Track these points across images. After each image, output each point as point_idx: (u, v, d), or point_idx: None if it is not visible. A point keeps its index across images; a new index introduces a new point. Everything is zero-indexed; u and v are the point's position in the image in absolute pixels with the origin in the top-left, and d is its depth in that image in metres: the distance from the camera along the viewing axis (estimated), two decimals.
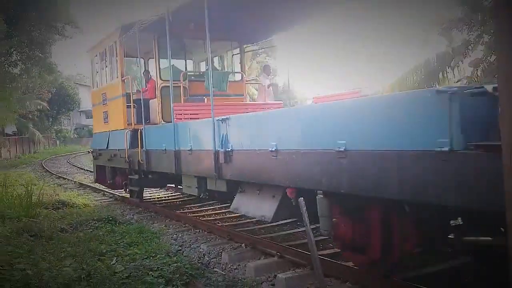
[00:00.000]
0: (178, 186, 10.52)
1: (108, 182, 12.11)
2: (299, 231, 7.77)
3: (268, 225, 8.38)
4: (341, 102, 5.50)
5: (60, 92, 48.08)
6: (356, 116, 4.34)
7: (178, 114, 8.42)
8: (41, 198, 10.31)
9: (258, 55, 24.60)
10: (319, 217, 5.01)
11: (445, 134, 3.39)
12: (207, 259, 6.53)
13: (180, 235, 7.89)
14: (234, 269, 6.08)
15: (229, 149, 6.46)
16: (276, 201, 6.12)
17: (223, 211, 9.38)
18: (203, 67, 12.15)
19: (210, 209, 10.09)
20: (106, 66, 11.38)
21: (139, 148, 9.39)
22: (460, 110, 3.32)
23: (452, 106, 3.34)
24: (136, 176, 10.38)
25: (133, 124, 9.93)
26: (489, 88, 3.26)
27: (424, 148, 3.56)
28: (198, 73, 11.31)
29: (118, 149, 10.61)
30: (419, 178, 3.63)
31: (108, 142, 11.31)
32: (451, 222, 4.29)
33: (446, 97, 3.38)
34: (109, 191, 13.34)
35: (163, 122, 9.61)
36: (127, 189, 11.41)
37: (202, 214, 9.64)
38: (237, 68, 11.49)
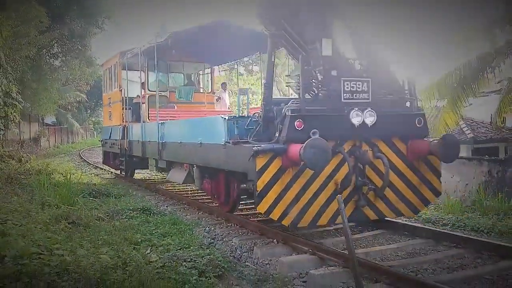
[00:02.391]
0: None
1: (111, 163, 16.48)
2: (330, 229, 7.73)
3: None
4: (199, 118, 11.18)
5: (98, 84, 49.03)
6: (203, 125, 8.76)
7: (152, 116, 11.88)
8: (79, 187, 10.59)
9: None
10: (194, 179, 9.35)
11: (223, 136, 7.35)
12: (239, 253, 6.58)
13: (212, 228, 7.97)
14: (266, 264, 6.09)
15: (164, 141, 10.45)
16: (185, 172, 10.07)
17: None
18: (192, 77, 15.82)
19: (241, 203, 10.13)
20: (111, 79, 15.36)
21: (126, 139, 13.35)
22: (228, 127, 7.28)
23: (226, 124, 7.30)
24: (123, 159, 14.32)
25: (125, 121, 13.53)
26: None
27: (219, 142, 7.46)
28: (174, 87, 14.48)
29: (116, 139, 14.58)
30: (218, 155, 7.64)
31: (110, 134, 15.46)
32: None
33: (224, 121, 7.35)
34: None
35: (149, 122, 12.44)
36: (120, 169, 15.53)
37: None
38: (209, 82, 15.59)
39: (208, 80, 15.47)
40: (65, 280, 4.22)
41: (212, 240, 7.22)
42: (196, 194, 11.50)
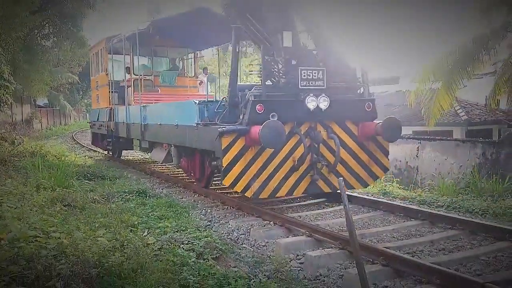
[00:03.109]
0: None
1: (99, 144, 17.31)
2: (327, 211, 7.77)
3: (296, 204, 8.43)
4: (176, 102, 11.39)
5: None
6: (179, 109, 9.59)
7: (136, 99, 12.59)
8: (73, 169, 10.53)
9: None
10: (173, 157, 10.11)
11: (195, 119, 8.14)
12: (236, 235, 6.60)
13: (209, 210, 7.98)
14: (263, 246, 6.12)
15: (146, 123, 11.24)
16: (165, 151, 10.70)
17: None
18: (176, 62, 16.39)
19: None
20: (98, 63, 15.98)
21: (112, 121, 14.07)
22: (199, 110, 8.04)
23: (197, 108, 8.09)
24: (110, 140, 14.86)
25: (112, 104, 14.12)
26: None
27: (191, 124, 8.29)
28: (158, 72, 15.08)
29: (103, 121, 15.27)
30: (191, 136, 8.49)
31: (98, 116, 16.28)
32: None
33: (195, 104, 8.18)
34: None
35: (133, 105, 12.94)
36: (107, 150, 16.31)
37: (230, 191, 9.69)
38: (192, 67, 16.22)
39: (191, 65, 16.09)
40: (62, 263, 4.18)
41: (209, 223, 7.23)
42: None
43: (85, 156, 17.02)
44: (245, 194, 7.32)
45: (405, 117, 22.12)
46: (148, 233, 6.01)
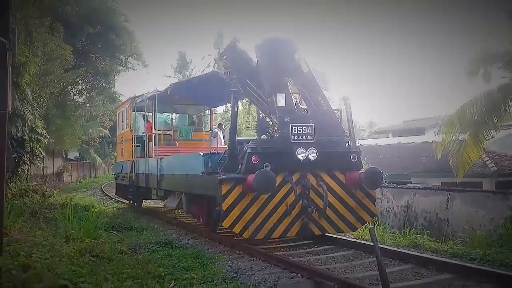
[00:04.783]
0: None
1: (122, 194, 18.58)
2: (356, 264, 7.61)
3: (323, 256, 8.30)
4: (186, 154, 12.33)
5: None
6: (188, 160, 10.46)
7: (155, 152, 13.83)
8: (102, 220, 10.67)
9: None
10: (183, 204, 11.08)
11: (201, 168, 9.13)
12: (263, 287, 6.48)
13: (235, 261, 7.90)
14: None
15: (162, 173, 12.29)
16: (177, 199, 11.64)
17: (276, 240, 9.34)
18: (193, 118, 17.92)
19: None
20: (123, 121, 17.37)
21: (134, 172, 15.23)
22: (204, 161, 9.08)
23: (202, 159, 9.15)
24: (131, 189, 15.95)
25: (134, 157, 15.35)
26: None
27: (197, 173, 9.28)
28: (176, 127, 16.64)
29: (126, 172, 16.45)
30: (197, 184, 9.48)
31: (122, 168, 17.53)
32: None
33: (201, 157, 9.20)
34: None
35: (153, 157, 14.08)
36: (129, 199, 17.46)
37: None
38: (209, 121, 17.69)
39: (207, 121, 17.66)
40: None
41: (235, 274, 7.13)
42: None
43: (113, 208, 17.23)
44: (243, 235, 8.17)
45: (433, 168, 21.84)
46: (174, 284, 5.98)
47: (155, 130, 14.55)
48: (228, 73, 9.49)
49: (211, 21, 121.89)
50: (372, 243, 5.72)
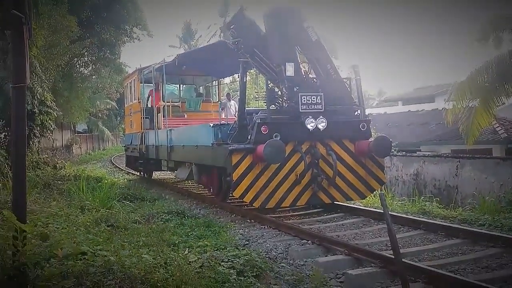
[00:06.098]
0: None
1: (132, 166, 18.67)
2: (365, 231, 7.73)
3: (333, 223, 8.43)
4: (196, 125, 12.55)
5: None
6: (198, 131, 10.64)
7: (164, 124, 13.67)
8: (114, 191, 10.85)
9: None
10: (194, 175, 11.29)
11: (211, 139, 9.21)
12: (274, 254, 6.62)
13: (246, 230, 8.05)
14: (301, 265, 6.13)
15: (171, 145, 12.38)
16: (187, 170, 11.89)
17: (286, 208, 9.46)
18: (201, 89, 18.00)
19: None
20: (131, 93, 17.48)
21: (143, 144, 15.31)
22: (214, 132, 9.19)
23: (212, 130, 9.26)
24: (141, 161, 16.11)
25: (143, 129, 15.39)
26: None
27: (207, 144, 9.37)
28: (184, 98, 16.58)
29: (136, 145, 16.53)
30: (208, 155, 9.64)
31: (131, 140, 17.54)
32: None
33: (211, 127, 9.36)
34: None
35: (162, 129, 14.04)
36: (139, 171, 17.98)
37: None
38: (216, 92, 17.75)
39: (215, 91, 17.65)
40: (110, 279, 4.35)
41: (247, 242, 7.29)
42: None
43: (124, 179, 17.45)
44: (253, 205, 8.34)
45: (443, 136, 21.78)
46: (189, 252, 6.13)
47: (164, 101, 14.55)
48: (236, 42, 9.38)
49: None
50: (381, 210, 5.81)
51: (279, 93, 8.97)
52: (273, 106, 8.86)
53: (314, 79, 9.14)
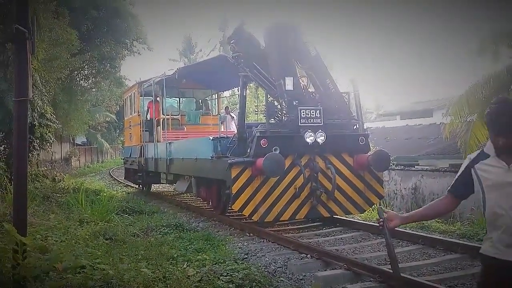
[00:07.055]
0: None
1: (131, 178, 18.55)
2: (364, 245, 7.72)
3: (332, 237, 8.42)
4: (195, 138, 12.80)
5: None
6: (197, 144, 10.61)
7: (164, 137, 13.76)
8: (113, 204, 10.84)
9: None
10: (193, 187, 11.25)
11: (210, 152, 9.23)
12: (273, 267, 6.61)
13: (245, 243, 8.04)
14: (300, 279, 6.11)
15: (171, 158, 12.37)
16: (187, 183, 11.91)
17: (285, 222, 9.46)
18: (201, 102, 17.82)
19: None
20: (131, 106, 17.57)
21: (142, 156, 15.35)
22: (213, 145, 9.20)
23: (212, 143, 9.26)
24: (140, 174, 16.05)
25: (142, 142, 15.43)
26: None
27: (207, 157, 9.39)
28: (184, 111, 16.64)
29: (135, 157, 16.53)
30: (207, 168, 9.66)
31: (130, 153, 17.63)
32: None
33: (211, 141, 9.32)
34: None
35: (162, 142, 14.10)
36: (138, 184, 17.66)
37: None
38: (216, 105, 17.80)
39: (215, 105, 17.72)
40: None
41: (246, 255, 7.27)
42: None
43: (122, 192, 17.43)
44: (252, 218, 8.37)
45: (441, 150, 21.83)
46: (187, 265, 6.12)
47: (163, 114, 14.70)
48: (236, 57, 9.47)
49: (215, 3, 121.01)
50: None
51: (279, 106, 9.05)
52: (273, 119, 8.96)
53: (313, 93, 9.25)
